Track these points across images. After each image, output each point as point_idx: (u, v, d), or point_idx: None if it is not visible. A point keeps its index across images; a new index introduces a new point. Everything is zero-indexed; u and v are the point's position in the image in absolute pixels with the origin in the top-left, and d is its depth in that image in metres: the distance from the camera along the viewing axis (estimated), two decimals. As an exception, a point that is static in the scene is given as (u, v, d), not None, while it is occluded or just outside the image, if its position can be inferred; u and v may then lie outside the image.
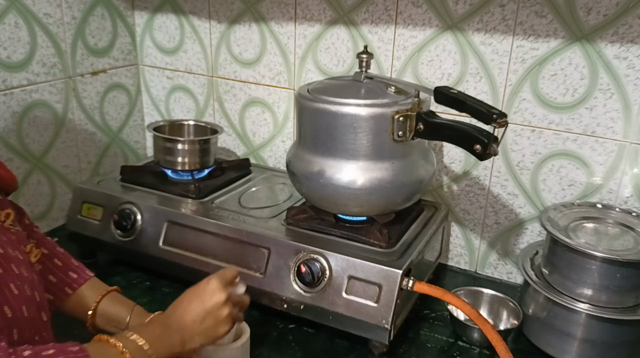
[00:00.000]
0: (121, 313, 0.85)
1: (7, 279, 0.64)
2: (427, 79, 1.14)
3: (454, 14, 1.07)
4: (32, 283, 0.68)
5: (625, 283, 0.87)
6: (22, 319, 0.64)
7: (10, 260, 0.66)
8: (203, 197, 1.13)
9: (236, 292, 0.82)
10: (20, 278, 0.66)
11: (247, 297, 0.85)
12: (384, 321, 0.87)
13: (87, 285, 0.86)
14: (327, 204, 0.99)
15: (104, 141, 1.41)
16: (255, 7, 1.27)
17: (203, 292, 0.76)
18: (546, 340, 0.94)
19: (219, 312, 0.76)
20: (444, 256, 1.23)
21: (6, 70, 1.15)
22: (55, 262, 0.86)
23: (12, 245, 0.69)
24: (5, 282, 0.63)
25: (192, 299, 0.76)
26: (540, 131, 1.07)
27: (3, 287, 0.63)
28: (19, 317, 0.63)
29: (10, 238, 0.70)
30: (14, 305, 0.63)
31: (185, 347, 0.73)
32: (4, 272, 0.64)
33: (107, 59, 1.38)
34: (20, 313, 0.63)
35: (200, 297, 0.76)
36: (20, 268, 0.67)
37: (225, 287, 0.78)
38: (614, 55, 0.97)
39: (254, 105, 1.36)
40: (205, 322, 0.75)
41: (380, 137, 0.91)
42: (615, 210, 1.00)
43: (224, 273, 0.80)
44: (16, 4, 1.14)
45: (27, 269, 0.69)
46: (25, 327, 0.64)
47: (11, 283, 0.64)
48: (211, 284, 0.77)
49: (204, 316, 0.75)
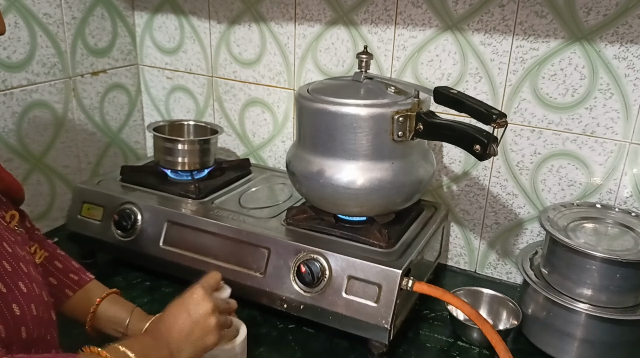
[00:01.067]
0: (121, 315, 0.85)
1: (16, 278, 0.64)
2: (427, 79, 1.14)
3: (453, 14, 1.08)
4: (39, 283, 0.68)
5: (625, 284, 0.87)
6: (31, 317, 0.64)
7: (19, 259, 0.66)
8: (203, 197, 1.13)
9: (222, 297, 0.82)
10: (29, 277, 0.66)
11: (234, 302, 0.85)
12: (383, 321, 0.87)
13: (87, 287, 0.87)
14: (327, 204, 0.99)
15: (104, 141, 1.41)
16: (255, 7, 1.27)
17: (189, 303, 0.75)
18: (546, 340, 0.94)
19: (206, 322, 0.74)
20: (444, 256, 1.23)
21: (6, 70, 1.15)
22: (55, 264, 0.86)
23: (19, 246, 0.69)
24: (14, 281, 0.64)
25: (179, 311, 0.74)
26: (539, 131, 1.07)
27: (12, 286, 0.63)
28: (28, 315, 0.63)
29: (17, 239, 0.70)
30: (22, 303, 0.63)
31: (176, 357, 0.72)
32: (13, 271, 0.64)
33: (107, 59, 1.38)
34: (29, 311, 0.64)
35: (186, 308, 0.74)
36: (29, 267, 0.67)
37: (210, 295, 0.77)
38: (613, 55, 0.98)
39: (253, 105, 1.36)
40: (193, 333, 0.73)
41: (380, 137, 0.91)
42: (615, 211, 1.00)
43: (207, 281, 0.80)
44: (16, 4, 1.14)
45: (34, 269, 0.69)
46: (34, 325, 0.64)
47: (20, 282, 0.64)
48: (196, 294, 0.76)
49: (192, 328, 0.73)
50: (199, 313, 0.74)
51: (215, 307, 0.76)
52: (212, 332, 0.75)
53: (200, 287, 0.77)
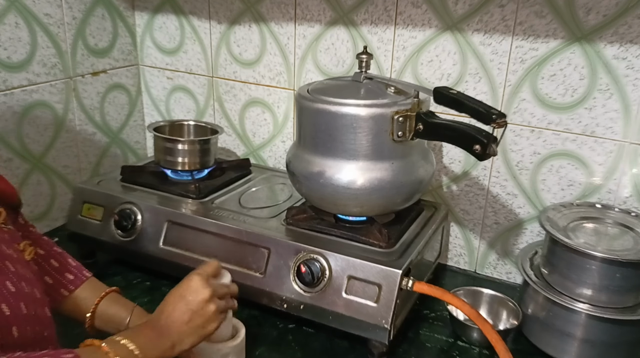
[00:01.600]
0: (121, 314, 0.84)
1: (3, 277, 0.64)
2: (427, 79, 1.14)
3: (453, 15, 1.08)
4: (30, 281, 0.68)
5: (625, 283, 0.88)
6: (22, 316, 0.63)
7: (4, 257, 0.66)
8: (203, 197, 1.13)
9: (221, 282, 0.80)
10: (16, 276, 0.65)
11: (234, 285, 0.83)
12: (383, 321, 0.87)
13: (84, 286, 0.85)
14: (327, 204, 0.99)
15: (104, 141, 1.41)
16: (255, 7, 1.27)
17: (186, 291, 0.75)
18: (546, 340, 0.94)
19: (205, 309, 0.74)
20: (444, 256, 1.23)
21: (6, 71, 1.15)
22: (51, 263, 0.85)
23: (6, 243, 0.68)
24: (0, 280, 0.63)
25: (177, 300, 0.74)
26: (539, 131, 1.07)
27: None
28: (18, 314, 0.63)
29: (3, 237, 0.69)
30: (11, 303, 0.62)
31: (176, 349, 0.72)
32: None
33: (108, 59, 1.38)
34: (18, 310, 0.63)
35: (183, 297, 0.74)
36: (16, 265, 0.67)
37: (208, 281, 0.76)
38: (613, 56, 0.98)
39: (253, 105, 1.36)
40: (193, 321, 0.73)
41: (380, 137, 0.91)
42: (615, 210, 1.00)
43: (205, 269, 0.79)
44: (16, 4, 1.14)
45: (23, 267, 0.68)
46: (26, 324, 0.64)
47: (7, 281, 0.64)
48: (193, 282, 0.75)
49: (191, 316, 0.73)
50: (197, 301, 0.74)
51: (213, 292, 0.76)
52: (212, 319, 0.75)
53: (197, 274, 0.77)
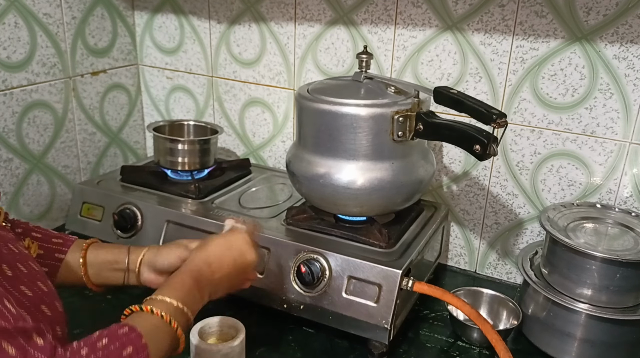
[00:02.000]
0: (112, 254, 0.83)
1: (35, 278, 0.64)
2: (427, 79, 1.14)
3: (453, 14, 1.08)
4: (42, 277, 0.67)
5: (625, 284, 0.87)
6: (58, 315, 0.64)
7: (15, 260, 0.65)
8: (203, 197, 1.13)
9: None
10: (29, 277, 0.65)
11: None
12: (383, 321, 0.87)
13: (73, 248, 0.84)
14: (327, 204, 0.99)
15: (104, 141, 1.41)
16: (255, 7, 1.27)
17: (235, 249, 0.77)
18: (546, 340, 0.94)
19: (247, 272, 0.77)
20: (444, 256, 1.23)
21: (6, 70, 1.15)
22: (34, 235, 0.83)
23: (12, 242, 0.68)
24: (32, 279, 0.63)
25: (225, 256, 0.76)
26: (539, 131, 1.07)
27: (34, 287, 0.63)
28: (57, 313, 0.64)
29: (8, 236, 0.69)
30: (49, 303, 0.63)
31: (209, 298, 0.75)
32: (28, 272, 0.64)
33: (107, 59, 1.38)
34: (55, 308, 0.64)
35: (231, 253, 0.76)
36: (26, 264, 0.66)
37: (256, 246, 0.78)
38: (613, 55, 0.98)
39: (253, 105, 1.36)
40: (234, 278, 0.76)
41: (380, 137, 0.91)
42: (615, 210, 1.00)
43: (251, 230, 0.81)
44: (16, 4, 1.14)
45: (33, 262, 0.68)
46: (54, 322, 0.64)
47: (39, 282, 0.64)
48: (243, 241, 0.77)
49: (235, 274, 0.76)
50: (245, 262, 0.77)
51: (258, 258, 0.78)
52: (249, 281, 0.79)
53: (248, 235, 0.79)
